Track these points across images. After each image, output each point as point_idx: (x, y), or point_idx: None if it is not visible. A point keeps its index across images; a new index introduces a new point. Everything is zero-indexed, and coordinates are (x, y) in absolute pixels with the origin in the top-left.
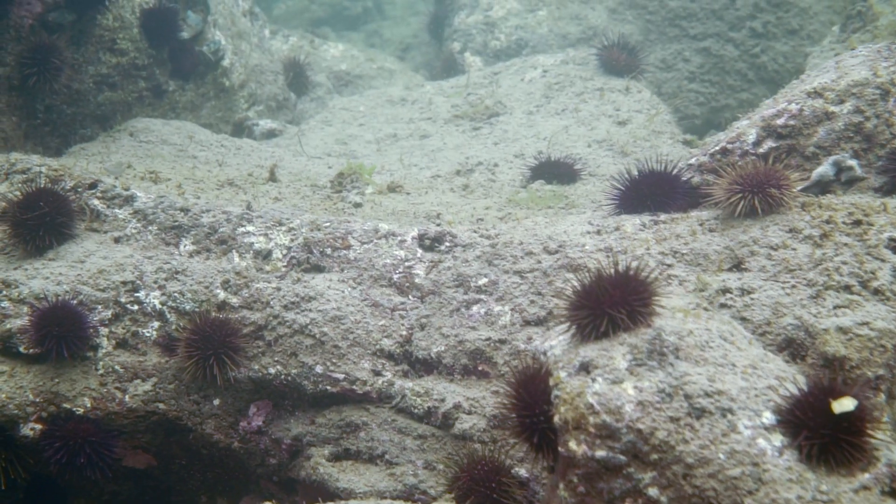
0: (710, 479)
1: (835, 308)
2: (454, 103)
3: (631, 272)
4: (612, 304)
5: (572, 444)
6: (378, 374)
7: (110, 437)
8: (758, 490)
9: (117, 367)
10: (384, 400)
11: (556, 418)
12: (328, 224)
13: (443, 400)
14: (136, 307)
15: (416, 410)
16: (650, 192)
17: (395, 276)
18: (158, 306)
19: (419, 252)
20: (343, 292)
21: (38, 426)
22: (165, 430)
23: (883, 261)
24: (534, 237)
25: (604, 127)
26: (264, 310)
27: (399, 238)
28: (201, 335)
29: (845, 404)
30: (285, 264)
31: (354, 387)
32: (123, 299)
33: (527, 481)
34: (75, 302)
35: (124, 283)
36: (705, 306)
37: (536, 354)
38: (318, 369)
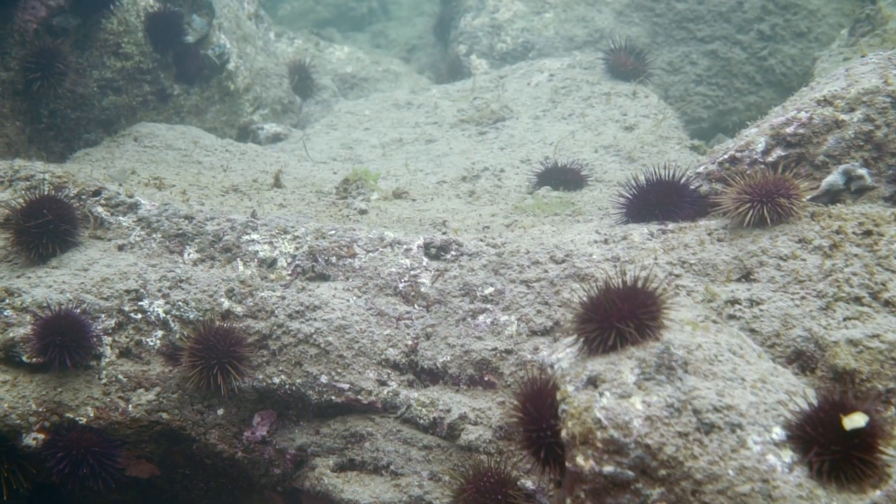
0: (720, 496)
1: (845, 320)
2: (460, 107)
3: (639, 284)
4: (621, 317)
5: (580, 460)
6: (383, 383)
7: (113, 447)
8: None
9: (121, 377)
10: (389, 410)
11: (564, 433)
12: (333, 232)
13: (448, 410)
14: (139, 316)
15: (421, 421)
16: (658, 201)
17: (401, 285)
18: (162, 315)
19: (425, 261)
20: (348, 301)
21: (41, 436)
22: (169, 440)
23: (894, 272)
24: (540, 246)
25: (611, 132)
26: (269, 319)
27: (405, 246)
28: (205, 344)
29: (856, 420)
30: (290, 273)
31: (359, 397)
32: (127, 308)
33: (533, 493)
34: (78, 311)
35: (128, 291)
36: (714, 318)
37: (543, 366)
38: (323, 379)
